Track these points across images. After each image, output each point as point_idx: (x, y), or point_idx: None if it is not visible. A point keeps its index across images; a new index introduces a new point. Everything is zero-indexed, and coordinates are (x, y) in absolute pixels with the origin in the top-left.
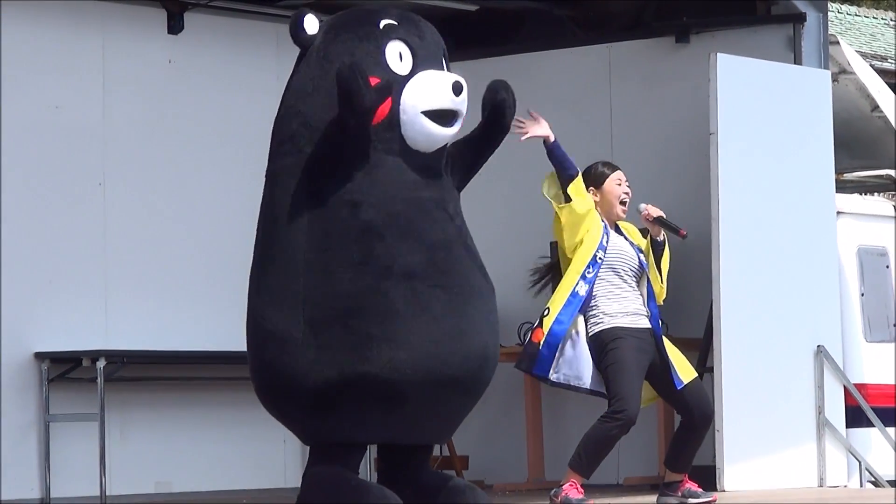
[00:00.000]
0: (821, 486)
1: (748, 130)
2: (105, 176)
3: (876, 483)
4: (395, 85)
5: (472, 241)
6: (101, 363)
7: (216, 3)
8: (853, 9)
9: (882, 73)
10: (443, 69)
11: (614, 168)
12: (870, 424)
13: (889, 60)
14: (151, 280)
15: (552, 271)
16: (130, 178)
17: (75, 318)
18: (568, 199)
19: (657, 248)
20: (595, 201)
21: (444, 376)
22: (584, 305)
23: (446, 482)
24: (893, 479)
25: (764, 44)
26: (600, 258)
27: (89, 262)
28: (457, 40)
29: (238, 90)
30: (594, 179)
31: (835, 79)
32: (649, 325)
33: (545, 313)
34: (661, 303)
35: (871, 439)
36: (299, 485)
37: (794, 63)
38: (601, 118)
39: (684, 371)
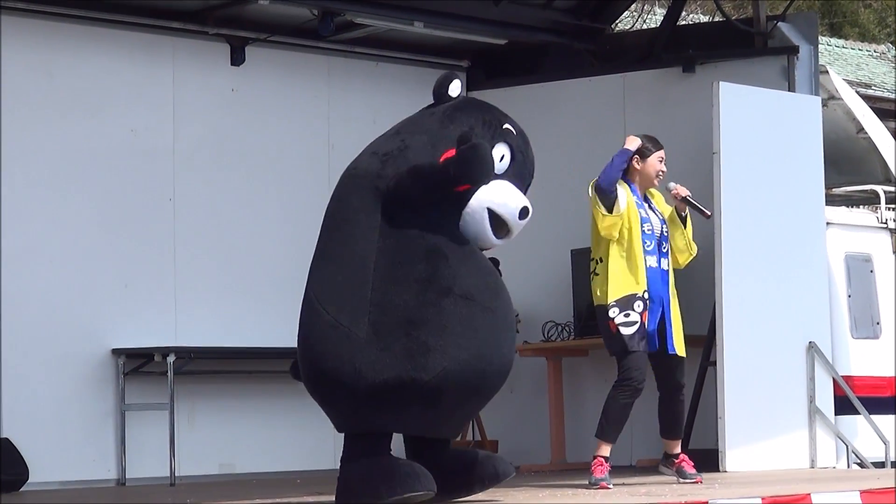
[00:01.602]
0: (812, 467)
1: (747, 150)
2: (175, 192)
3: (861, 464)
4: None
5: None
6: (171, 358)
7: (274, 38)
8: (841, 42)
9: (867, 98)
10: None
11: (659, 146)
12: (856, 412)
13: (873, 87)
14: (216, 284)
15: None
16: (197, 193)
17: (148, 318)
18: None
19: (682, 221)
20: (637, 169)
21: (479, 387)
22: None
23: (473, 457)
24: (878, 460)
25: (761, 73)
26: (648, 230)
27: (160, 268)
28: (488, 70)
29: (293, 115)
30: (641, 151)
31: (825, 104)
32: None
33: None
34: (685, 265)
35: (858, 426)
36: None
37: (789, 90)
38: (616, 139)
39: (679, 344)
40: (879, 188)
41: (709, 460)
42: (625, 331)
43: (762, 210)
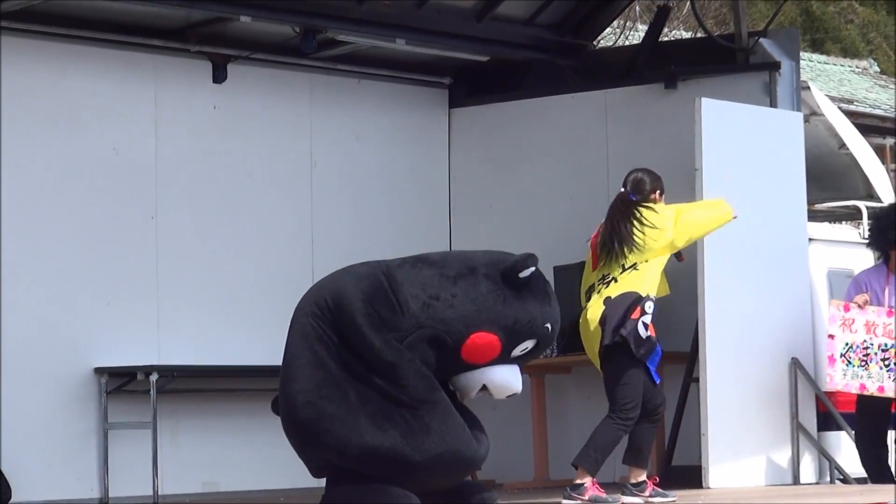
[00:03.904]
0: (795, 483)
1: (729, 166)
2: (157, 209)
3: (845, 480)
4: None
5: None
6: (153, 377)
7: (256, 55)
8: (823, 57)
9: (849, 114)
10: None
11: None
12: (839, 428)
13: (855, 103)
14: (199, 302)
15: None
16: (179, 211)
17: (130, 337)
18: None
19: None
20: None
21: (467, 469)
22: None
23: (458, 491)
24: (861, 476)
25: (743, 89)
26: None
27: (143, 286)
28: (470, 87)
29: (276, 133)
30: (661, 185)
31: (806, 120)
32: None
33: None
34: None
35: (841, 442)
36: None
37: (770, 106)
38: (599, 155)
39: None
40: (861, 204)
41: (692, 477)
42: (643, 332)
43: (744, 226)
